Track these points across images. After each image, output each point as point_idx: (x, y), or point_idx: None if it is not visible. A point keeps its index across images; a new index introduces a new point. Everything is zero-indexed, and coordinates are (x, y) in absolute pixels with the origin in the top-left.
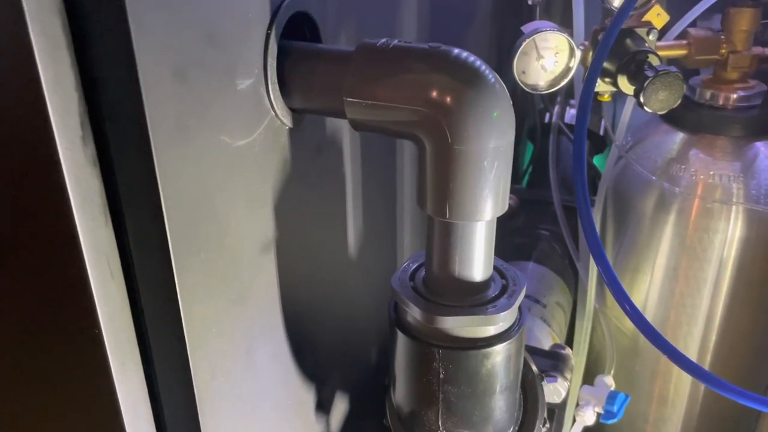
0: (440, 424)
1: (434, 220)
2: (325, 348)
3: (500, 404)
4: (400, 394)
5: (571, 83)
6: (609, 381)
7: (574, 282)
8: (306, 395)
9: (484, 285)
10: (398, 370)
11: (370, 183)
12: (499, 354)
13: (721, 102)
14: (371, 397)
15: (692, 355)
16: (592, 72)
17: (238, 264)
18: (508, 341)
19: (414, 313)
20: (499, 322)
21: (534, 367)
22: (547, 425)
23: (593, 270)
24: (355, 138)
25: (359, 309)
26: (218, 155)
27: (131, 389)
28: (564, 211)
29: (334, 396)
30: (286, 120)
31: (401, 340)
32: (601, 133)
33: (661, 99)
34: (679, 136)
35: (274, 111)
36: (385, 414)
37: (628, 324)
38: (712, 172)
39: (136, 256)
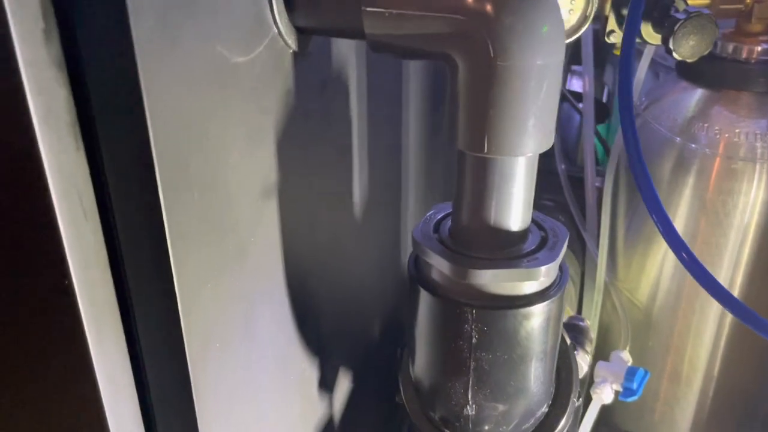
0: (470, 397)
1: (467, 158)
2: (329, 318)
3: (538, 373)
4: (422, 364)
5: (575, 46)
6: (626, 356)
7: (582, 254)
8: (309, 370)
9: (522, 236)
10: (420, 336)
11: (375, 132)
12: (539, 315)
13: (744, 55)
14: (376, 373)
15: (710, 328)
16: (631, 23)
17: (236, 210)
18: (550, 300)
19: (441, 268)
20: (541, 277)
21: (567, 337)
22: (581, 399)
23: (604, 240)
24: (362, 80)
25: (363, 274)
26: (213, 70)
27: (110, 357)
28: (569, 182)
29: (338, 372)
30: (291, 41)
31: (425, 300)
32: (605, 100)
33: (692, 44)
34: (700, 93)
35: (277, 27)
36: (396, 390)
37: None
38: (737, 130)
39: (115, 190)
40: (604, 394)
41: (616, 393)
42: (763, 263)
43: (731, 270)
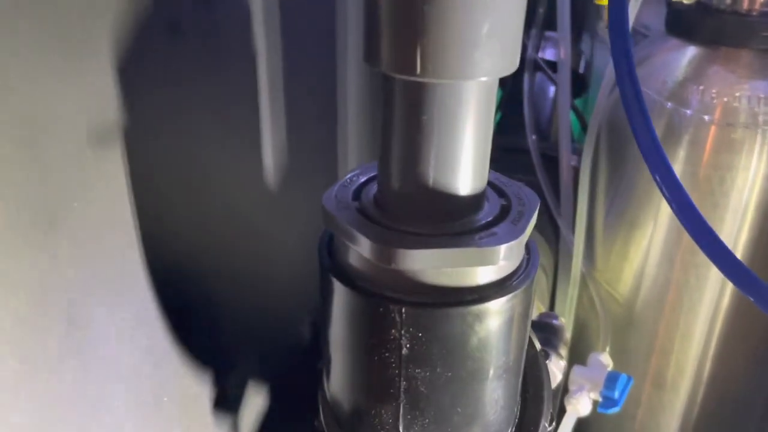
0: (401, 427)
1: (393, 85)
2: (229, 319)
3: (496, 395)
4: (338, 382)
5: (550, 11)
6: (605, 359)
7: (555, 241)
8: (196, 387)
9: (475, 203)
10: (333, 344)
11: (295, 74)
12: (499, 314)
13: (745, 7)
14: (303, 388)
15: (700, 326)
16: None
17: (44, 157)
18: (514, 293)
19: (360, 248)
20: (500, 260)
21: (535, 341)
22: (554, 424)
23: (581, 225)
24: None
25: (282, 262)
26: None
27: None
28: (542, 160)
29: (246, 387)
30: None
31: (338, 294)
32: (581, 70)
33: None
34: (694, 51)
35: None
36: (318, 412)
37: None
38: (736, 93)
39: None
40: (581, 405)
41: (595, 403)
42: (763, 250)
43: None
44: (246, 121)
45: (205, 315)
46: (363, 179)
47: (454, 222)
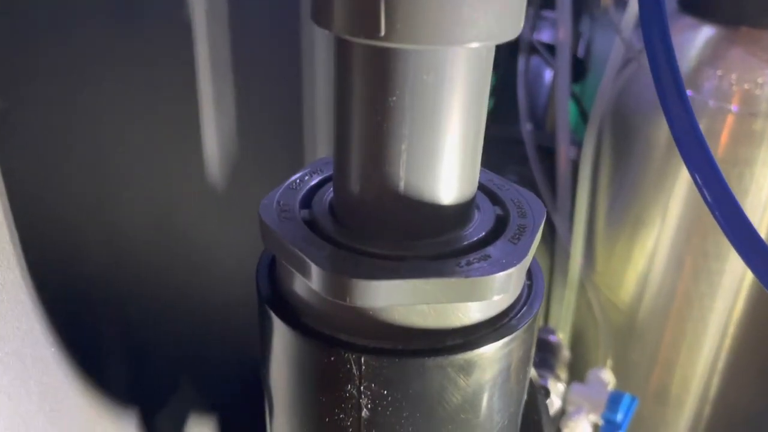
0: None
1: (352, 54)
2: (156, 352)
3: None
4: None
5: None
6: (606, 376)
7: (550, 240)
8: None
9: (461, 213)
10: (276, 394)
11: (248, 53)
12: (491, 364)
13: None
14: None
15: (710, 337)
16: None
17: None
18: (511, 335)
19: (306, 276)
20: (493, 294)
21: (534, 374)
22: None
23: (579, 224)
24: None
25: (232, 276)
26: None
27: None
28: (537, 152)
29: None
30: None
31: (280, 332)
32: (580, 54)
33: None
34: (710, 32)
35: None
36: None
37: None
38: (759, 79)
39: None
40: (579, 431)
41: (595, 426)
42: None
43: (737, 280)
44: (179, 106)
45: (122, 348)
46: (316, 180)
47: (434, 240)
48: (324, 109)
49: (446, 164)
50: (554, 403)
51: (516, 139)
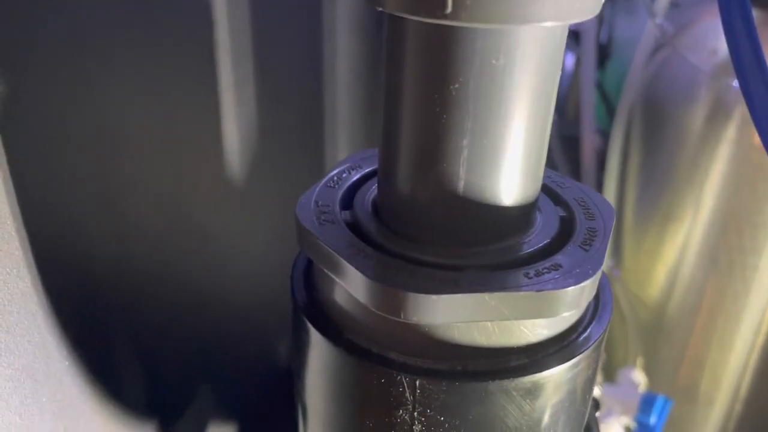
0: None
1: (408, 33)
2: (173, 357)
3: None
4: None
5: None
6: (638, 377)
7: None
8: None
9: (525, 215)
10: (312, 413)
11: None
12: (558, 387)
13: None
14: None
15: (744, 333)
16: None
17: None
18: (580, 355)
19: (351, 286)
20: (567, 308)
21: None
22: None
23: None
24: None
25: (251, 281)
26: None
27: None
28: (560, 141)
29: None
30: None
31: (318, 347)
32: (602, 40)
33: None
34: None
35: None
36: None
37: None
38: None
39: None
40: None
41: (627, 429)
42: None
43: None
44: (197, 97)
45: (139, 357)
46: (357, 176)
47: (495, 246)
48: (345, 103)
49: (512, 161)
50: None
51: None
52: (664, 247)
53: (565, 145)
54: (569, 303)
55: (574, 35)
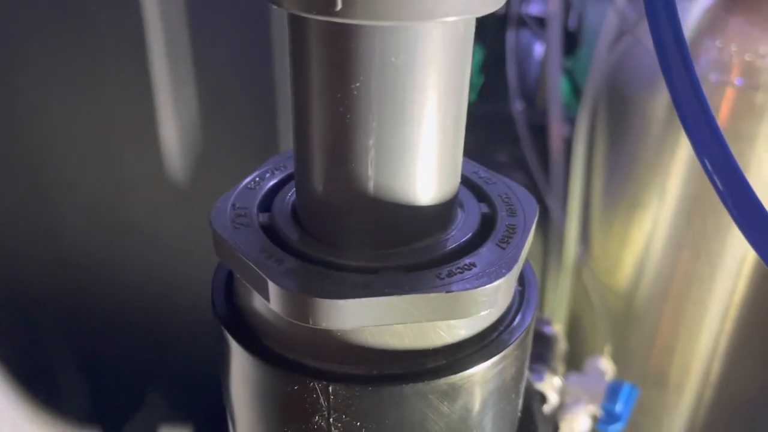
0: None
1: (308, 33)
2: (115, 361)
3: None
4: None
5: None
6: (605, 365)
7: (543, 223)
8: None
9: (441, 214)
10: (238, 420)
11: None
12: (480, 386)
13: None
14: None
15: (711, 318)
16: None
17: None
18: (502, 353)
19: (266, 294)
20: (481, 309)
21: (528, 377)
22: None
23: (574, 206)
24: None
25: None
26: None
27: None
28: (529, 130)
29: None
30: None
31: (238, 356)
32: (572, 27)
33: None
34: (708, 1)
35: None
36: None
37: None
38: (760, 50)
39: None
40: (578, 423)
41: (593, 419)
42: None
43: (745, 245)
44: (130, 95)
45: (77, 361)
46: (279, 178)
47: (411, 246)
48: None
49: (422, 160)
50: (551, 399)
51: (506, 118)
52: (632, 235)
53: (536, 135)
54: (483, 303)
55: (540, 23)
